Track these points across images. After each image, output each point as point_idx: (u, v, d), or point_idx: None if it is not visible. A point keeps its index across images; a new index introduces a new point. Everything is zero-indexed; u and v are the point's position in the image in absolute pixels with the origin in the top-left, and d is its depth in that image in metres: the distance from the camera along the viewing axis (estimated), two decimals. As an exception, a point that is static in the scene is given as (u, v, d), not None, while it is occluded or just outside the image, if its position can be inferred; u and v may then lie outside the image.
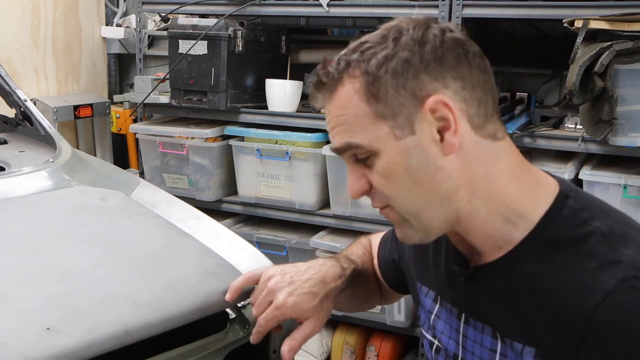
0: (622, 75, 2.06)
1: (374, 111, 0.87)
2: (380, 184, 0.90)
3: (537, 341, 0.87)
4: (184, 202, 1.70)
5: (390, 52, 0.87)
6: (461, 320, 1.00)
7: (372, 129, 0.88)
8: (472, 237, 0.94)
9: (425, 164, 0.88)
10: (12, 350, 0.94)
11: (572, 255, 0.86)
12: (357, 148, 0.89)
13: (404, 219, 0.92)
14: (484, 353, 0.96)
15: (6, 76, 2.00)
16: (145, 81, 2.97)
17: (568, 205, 0.90)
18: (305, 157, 2.67)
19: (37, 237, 1.27)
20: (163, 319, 1.10)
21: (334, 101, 0.91)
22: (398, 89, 0.86)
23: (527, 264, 0.90)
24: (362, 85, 0.87)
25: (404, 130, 0.87)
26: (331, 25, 3.20)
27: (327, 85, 0.91)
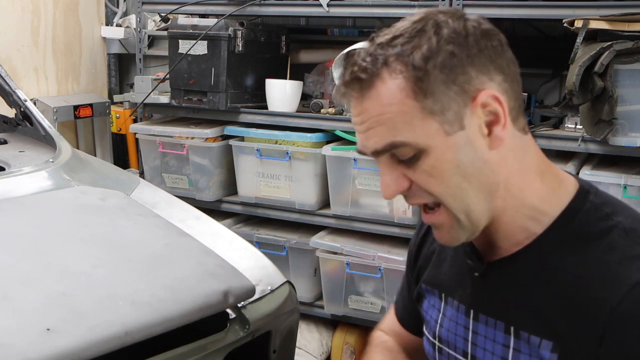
0: (622, 75, 2.05)
1: (422, 107, 0.83)
2: (429, 183, 0.87)
3: (555, 334, 0.87)
4: (184, 202, 1.70)
5: (435, 46, 0.83)
6: (470, 317, 0.99)
7: (420, 126, 0.84)
8: (496, 233, 0.94)
9: (474, 158, 0.86)
10: (12, 350, 0.94)
11: (595, 248, 0.87)
12: (402, 147, 0.85)
13: (456, 218, 0.89)
14: (497, 349, 0.95)
15: (6, 76, 2.00)
16: (145, 81, 2.97)
17: (589, 200, 0.91)
18: (305, 157, 2.67)
19: (37, 237, 1.27)
20: (163, 319, 1.10)
21: (371, 99, 0.85)
22: (447, 83, 0.83)
23: (548, 257, 0.90)
24: (409, 80, 0.83)
25: (454, 125, 0.85)
26: (331, 25, 3.19)
27: (364, 81, 0.85)
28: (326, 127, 2.66)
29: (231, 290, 1.22)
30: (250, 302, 1.32)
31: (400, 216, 2.48)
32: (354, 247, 2.57)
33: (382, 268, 2.49)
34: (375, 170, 2.49)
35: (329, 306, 2.70)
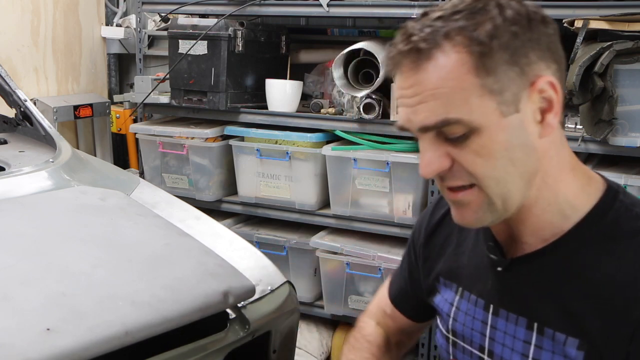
0: (622, 75, 2.05)
1: (482, 85, 0.81)
2: (474, 163, 0.84)
3: (583, 332, 0.86)
4: (184, 202, 1.70)
5: (500, 24, 0.81)
6: (489, 312, 0.98)
7: (477, 104, 0.81)
8: (523, 226, 0.93)
9: (524, 143, 0.85)
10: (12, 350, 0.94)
11: (627, 247, 0.86)
12: (455, 125, 0.82)
13: (490, 201, 0.86)
14: (517, 345, 0.94)
15: (6, 76, 2.00)
16: (145, 81, 2.97)
17: (619, 199, 0.90)
18: (305, 157, 2.67)
19: (37, 237, 1.27)
20: (163, 319, 1.10)
21: (428, 71, 0.82)
22: (509, 64, 0.82)
23: (576, 254, 0.89)
24: (472, 55, 0.80)
25: (510, 107, 0.83)
26: (331, 25, 3.19)
27: (423, 52, 0.81)
28: (326, 127, 2.66)
29: (231, 290, 1.22)
30: (250, 302, 1.32)
31: (400, 216, 2.48)
32: (354, 247, 2.57)
33: (382, 268, 2.49)
34: (375, 170, 2.50)
35: (329, 306, 2.70)
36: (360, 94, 2.50)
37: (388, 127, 2.51)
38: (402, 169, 2.46)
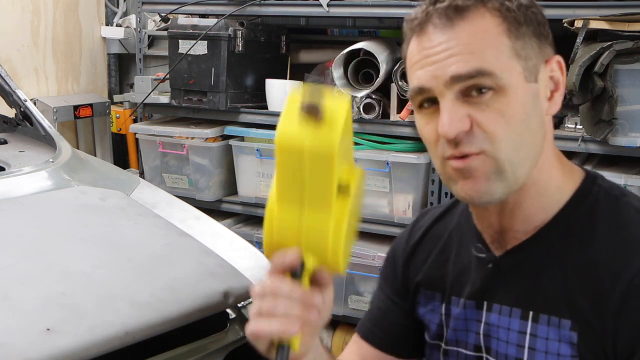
0: (622, 75, 2.05)
1: (512, 47, 0.86)
2: (497, 122, 0.85)
3: (574, 312, 0.89)
4: (184, 202, 1.70)
5: (524, 3, 0.88)
6: (482, 309, 0.99)
7: (507, 63, 0.85)
8: (518, 211, 0.94)
9: (539, 114, 0.89)
10: (12, 350, 0.94)
11: (609, 226, 0.90)
12: (487, 77, 0.84)
13: (500, 168, 0.87)
14: (512, 336, 0.95)
15: (6, 76, 2.00)
16: (145, 81, 2.97)
17: (598, 184, 0.94)
18: (305, 157, 2.66)
19: (37, 237, 1.27)
20: (163, 319, 1.10)
21: (465, 27, 0.85)
22: (533, 37, 0.88)
23: (563, 238, 0.92)
24: (507, 20, 0.86)
25: (532, 75, 0.88)
26: (331, 25, 3.19)
27: (462, 9, 0.86)
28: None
29: (231, 290, 1.23)
30: (250, 302, 1.32)
31: (400, 216, 2.48)
32: (354, 247, 2.56)
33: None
34: (375, 170, 2.49)
35: (329, 306, 2.69)
36: (360, 94, 2.50)
37: (388, 127, 2.51)
38: (402, 169, 2.46)
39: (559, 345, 0.90)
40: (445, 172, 0.91)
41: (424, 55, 0.87)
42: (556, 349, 0.90)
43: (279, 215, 0.80)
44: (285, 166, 0.77)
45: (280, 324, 0.79)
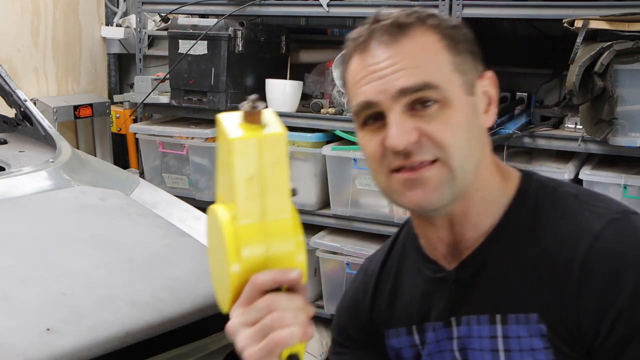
0: (622, 75, 2.05)
1: (453, 62, 0.90)
2: (445, 131, 0.88)
3: (539, 305, 0.90)
4: (184, 202, 1.70)
5: (456, 23, 0.94)
6: (452, 326, 0.99)
7: (449, 77, 0.90)
8: (466, 219, 0.96)
9: (479, 126, 0.93)
10: (12, 350, 0.94)
11: (553, 217, 0.93)
12: (433, 90, 0.88)
13: (452, 175, 0.89)
14: (484, 343, 0.95)
15: (6, 76, 2.00)
16: (145, 81, 2.97)
17: (534, 180, 0.98)
18: (305, 157, 2.67)
19: (37, 237, 1.27)
20: (163, 319, 1.10)
21: (408, 43, 0.89)
22: (469, 53, 0.93)
23: (513, 238, 0.94)
24: (445, 37, 0.91)
25: (470, 88, 0.92)
26: (331, 25, 3.19)
27: (404, 27, 0.90)
28: (326, 127, 2.66)
29: (231, 290, 1.22)
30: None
31: (400, 216, 2.48)
32: (354, 247, 2.57)
33: (382, 268, 2.48)
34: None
35: (329, 306, 2.69)
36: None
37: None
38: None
39: (531, 340, 0.91)
40: (391, 186, 0.93)
41: (369, 72, 0.90)
42: (529, 344, 0.91)
43: (244, 236, 0.79)
44: (245, 170, 0.78)
45: (297, 332, 0.79)
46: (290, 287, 0.82)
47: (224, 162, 0.81)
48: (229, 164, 0.78)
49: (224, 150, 0.80)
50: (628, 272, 0.85)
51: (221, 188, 0.84)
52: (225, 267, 0.80)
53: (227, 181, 0.80)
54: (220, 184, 0.84)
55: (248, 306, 0.80)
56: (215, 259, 0.86)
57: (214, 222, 0.82)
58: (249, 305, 0.80)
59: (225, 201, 0.82)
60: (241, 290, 0.81)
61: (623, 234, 0.88)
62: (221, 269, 0.83)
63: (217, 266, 0.85)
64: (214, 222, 0.82)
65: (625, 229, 0.89)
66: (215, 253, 0.85)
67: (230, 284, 0.80)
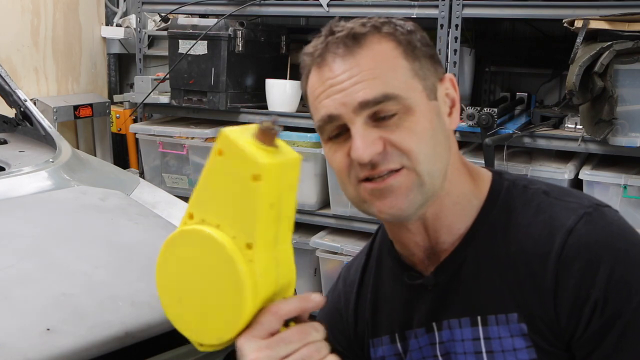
0: (622, 75, 2.06)
1: (411, 68, 0.90)
2: (409, 139, 0.88)
3: (518, 304, 0.91)
4: (184, 202, 1.70)
5: (412, 28, 0.93)
6: (434, 331, 0.99)
7: (409, 84, 0.89)
8: (439, 223, 0.96)
9: (443, 129, 0.93)
10: (12, 350, 0.94)
11: (526, 215, 0.94)
12: (392, 101, 0.87)
13: (420, 181, 0.89)
14: (467, 346, 0.95)
15: (6, 76, 2.00)
16: (145, 81, 2.98)
17: (505, 179, 0.99)
18: (305, 157, 2.67)
19: (37, 237, 1.27)
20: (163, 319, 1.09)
21: (364, 55, 0.88)
22: (427, 57, 0.92)
23: (488, 238, 0.95)
24: (401, 43, 0.90)
25: (431, 93, 0.92)
26: (331, 25, 3.19)
27: (359, 38, 0.89)
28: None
29: (231, 290, 1.22)
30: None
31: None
32: (354, 247, 2.57)
33: (382, 268, 2.49)
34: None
35: (329, 306, 2.70)
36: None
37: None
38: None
39: (513, 340, 0.91)
40: (360, 196, 0.92)
41: (329, 85, 0.89)
42: (511, 345, 0.92)
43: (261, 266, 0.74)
44: (269, 196, 0.72)
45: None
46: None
47: (226, 181, 0.74)
48: (248, 189, 0.72)
49: (232, 170, 0.73)
50: (601, 264, 0.86)
51: (210, 206, 0.76)
52: (229, 297, 0.74)
53: (230, 203, 0.74)
54: (209, 201, 0.76)
55: (269, 339, 0.76)
56: (195, 285, 0.77)
57: (207, 248, 0.75)
58: (269, 338, 0.76)
59: (213, 222, 0.75)
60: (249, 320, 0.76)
61: (595, 226, 0.89)
62: (214, 297, 0.76)
63: (198, 293, 0.77)
64: (207, 247, 0.75)
65: (597, 222, 0.90)
66: (197, 279, 0.77)
67: (243, 316, 0.75)
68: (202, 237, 0.75)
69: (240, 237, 0.74)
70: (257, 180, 0.71)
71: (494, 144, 2.25)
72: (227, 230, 0.74)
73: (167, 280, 0.80)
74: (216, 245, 0.74)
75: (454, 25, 2.43)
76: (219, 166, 0.75)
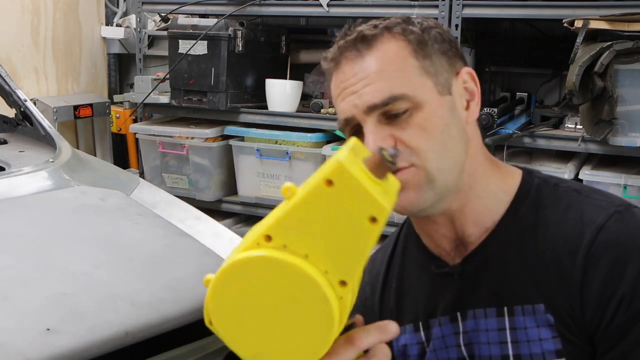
0: (622, 75, 2.06)
1: (421, 66, 0.91)
2: (419, 137, 0.90)
3: (546, 296, 0.92)
4: (184, 202, 1.70)
5: (426, 26, 0.94)
6: (458, 320, 1.00)
7: (418, 82, 0.91)
8: (464, 216, 0.97)
9: (458, 124, 0.94)
10: (12, 350, 0.94)
11: (556, 211, 0.95)
12: (400, 100, 0.89)
13: (430, 178, 0.91)
14: (492, 336, 0.96)
15: (6, 76, 2.00)
16: (145, 81, 2.98)
17: (536, 176, 1.00)
18: (305, 157, 2.67)
19: (37, 237, 1.27)
20: (163, 319, 1.10)
21: (373, 57, 0.91)
22: (440, 53, 0.93)
23: (517, 232, 0.96)
24: (411, 42, 0.92)
25: (444, 88, 0.93)
26: (331, 25, 3.19)
27: (368, 40, 0.91)
28: (326, 127, 2.66)
29: (231, 290, 1.22)
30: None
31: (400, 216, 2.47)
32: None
33: (382, 268, 2.48)
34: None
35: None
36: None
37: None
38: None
39: (539, 330, 0.93)
40: None
41: (343, 88, 0.93)
42: (537, 335, 0.93)
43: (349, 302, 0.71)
44: (375, 235, 0.67)
45: None
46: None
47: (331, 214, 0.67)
48: (360, 229, 0.67)
49: (343, 205, 0.66)
50: (630, 261, 0.88)
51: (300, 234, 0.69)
52: (311, 331, 0.70)
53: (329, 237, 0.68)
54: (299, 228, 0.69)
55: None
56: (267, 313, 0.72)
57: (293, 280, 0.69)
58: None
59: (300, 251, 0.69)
60: None
61: (626, 225, 0.90)
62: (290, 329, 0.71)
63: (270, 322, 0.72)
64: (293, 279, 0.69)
65: (627, 220, 0.91)
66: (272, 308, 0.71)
67: (323, 351, 0.71)
68: (288, 269, 0.69)
69: (334, 273, 0.69)
70: (374, 223, 0.66)
71: (494, 144, 2.25)
72: (317, 263, 0.69)
73: (227, 303, 0.75)
74: (306, 280, 0.69)
75: (454, 25, 2.43)
76: (326, 196, 0.67)
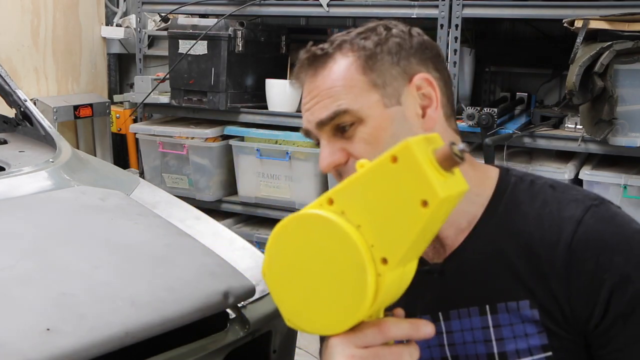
0: (622, 75, 2.06)
1: (367, 80, 0.94)
2: (364, 150, 0.93)
3: (529, 291, 0.93)
4: (184, 202, 1.70)
5: (384, 37, 0.96)
6: (440, 320, 1.00)
7: (363, 96, 0.93)
8: None
9: (410, 132, 0.93)
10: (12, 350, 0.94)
11: (533, 208, 0.96)
12: (344, 115, 0.92)
13: None
14: (477, 335, 0.97)
15: (6, 76, 2.00)
16: (145, 81, 2.98)
17: (512, 175, 1.02)
18: (305, 157, 2.67)
19: (37, 237, 1.27)
20: (163, 319, 1.10)
21: (323, 76, 0.96)
22: (392, 64, 0.95)
23: (495, 232, 0.96)
24: (359, 58, 0.94)
25: (392, 99, 0.94)
26: (331, 25, 3.19)
27: (319, 59, 0.96)
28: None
29: (231, 290, 1.22)
30: (250, 302, 1.32)
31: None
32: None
33: (382, 268, 2.48)
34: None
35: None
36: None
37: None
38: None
39: (524, 326, 0.93)
40: None
41: (303, 104, 0.99)
42: (522, 330, 0.93)
43: (387, 283, 0.72)
44: (427, 224, 0.69)
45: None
46: None
47: (389, 190, 0.69)
48: (411, 210, 0.68)
49: (401, 183, 0.69)
50: (614, 252, 0.89)
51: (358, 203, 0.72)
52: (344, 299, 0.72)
53: (383, 212, 0.70)
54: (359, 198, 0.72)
55: (364, 349, 0.76)
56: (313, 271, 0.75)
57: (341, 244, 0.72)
58: (364, 349, 0.76)
59: (355, 220, 0.72)
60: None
61: (603, 218, 0.92)
62: (328, 292, 0.74)
63: (313, 280, 0.75)
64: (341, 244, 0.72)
65: (603, 213, 0.93)
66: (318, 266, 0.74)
67: (351, 323, 0.74)
68: (339, 233, 0.72)
69: (379, 248, 0.71)
70: (424, 207, 0.68)
71: (494, 144, 2.25)
72: (367, 235, 0.71)
73: (282, 253, 0.78)
74: (352, 247, 0.71)
75: (454, 25, 2.43)
76: (388, 172, 0.70)
